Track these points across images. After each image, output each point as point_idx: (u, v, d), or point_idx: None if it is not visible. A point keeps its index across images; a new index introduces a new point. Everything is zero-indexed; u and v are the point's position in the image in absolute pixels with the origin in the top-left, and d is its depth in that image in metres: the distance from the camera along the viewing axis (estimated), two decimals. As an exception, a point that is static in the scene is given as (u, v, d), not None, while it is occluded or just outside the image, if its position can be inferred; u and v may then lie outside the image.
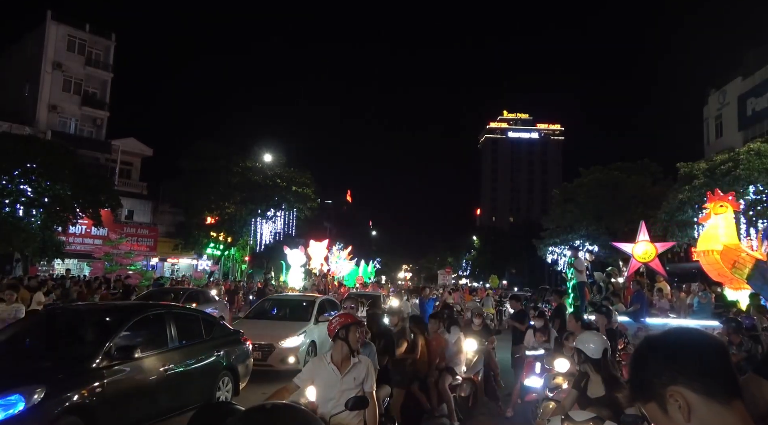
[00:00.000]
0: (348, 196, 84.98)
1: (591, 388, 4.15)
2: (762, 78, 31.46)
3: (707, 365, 0.98)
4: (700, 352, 1.05)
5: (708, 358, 0.97)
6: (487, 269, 57.39)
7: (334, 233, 58.94)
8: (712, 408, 0.98)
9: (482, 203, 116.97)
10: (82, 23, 37.24)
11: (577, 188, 35.91)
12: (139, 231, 35.31)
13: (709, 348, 1.04)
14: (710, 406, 0.98)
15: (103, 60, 38.52)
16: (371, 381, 3.88)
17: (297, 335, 10.73)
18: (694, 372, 0.99)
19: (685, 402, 0.99)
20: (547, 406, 5.55)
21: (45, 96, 35.05)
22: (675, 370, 0.97)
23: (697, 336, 1.11)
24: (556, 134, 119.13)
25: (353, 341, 3.98)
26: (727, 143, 31.79)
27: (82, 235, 31.00)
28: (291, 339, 10.51)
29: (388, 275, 71.44)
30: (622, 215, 30.99)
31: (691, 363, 0.98)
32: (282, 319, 12.16)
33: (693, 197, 24.04)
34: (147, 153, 40.14)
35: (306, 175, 36.53)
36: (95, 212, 25.80)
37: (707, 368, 0.97)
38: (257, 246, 36.72)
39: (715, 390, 0.98)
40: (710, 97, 36.90)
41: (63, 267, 27.89)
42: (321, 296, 14.31)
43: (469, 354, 7.86)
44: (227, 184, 32.81)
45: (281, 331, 10.81)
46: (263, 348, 10.18)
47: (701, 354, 1.04)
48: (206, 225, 34.25)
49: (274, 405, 1.30)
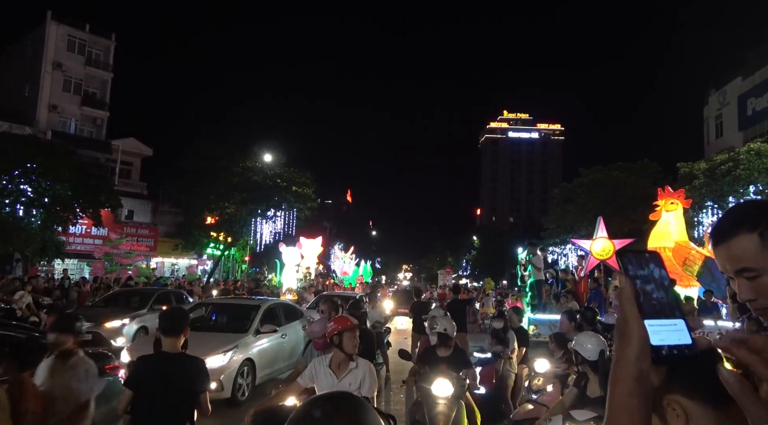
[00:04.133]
0: (348, 196, 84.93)
1: (590, 388, 4.17)
2: (762, 78, 31.46)
3: (699, 369, 0.92)
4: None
5: (700, 361, 0.89)
6: (487, 270, 57.30)
7: (334, 233, 58.95)
8: (709, 413, 0.94)
9: (482, 203, 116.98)
10: (82, 23, 37.24)
11: (577, 188, 35.88)
12: (139, 231, 35.31)
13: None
14: (707, 412, 0.94)
15: (103, 60, 38.52)
16: (368, 385, 3.86)
17: (223, 352, 8.29)
18: (687, 378, 0.95)
19: (683, 410, 0.96)
20: (524, 407, 5.55)
21: (45, 96, 35.05)
22: (669, 378, 0.91)
23: None
24: (556, 134, 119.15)
25: (349, 347, 3.91)
26: (727, 143, 31.80)
27: (82, 235, 30.99)
28: (212, 357, 7.87)
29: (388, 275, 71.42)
30: (622, 216, 30.97)
31: (682, 369, 0.92)
32: (213, 330, 9.70)
33: (693, 197, 24.00)
34: (147, 153, 40.14)
35: (306, 175, 36.51)
36: (95, 212, 25.78)
37: (700, 372, 0.91)
38: (257, 246, 36.71)
39: (710, 395, 0.93)
40: (710, 97, 36.91)
41: (62, 267, 27.84)
42: (274, 299, 12.23)
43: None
44: (227, 184, 32.79)
45: (202, 347, 7.88)
46: None
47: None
48: (206, 225, 34.24)
49: (333, 394, 1.28)
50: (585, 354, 4.18)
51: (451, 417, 4.73)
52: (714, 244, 1.07)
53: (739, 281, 1.03)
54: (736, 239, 1.01)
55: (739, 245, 1.00)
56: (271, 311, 10.07)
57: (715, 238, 1.06)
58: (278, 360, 9.77)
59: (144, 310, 13.55)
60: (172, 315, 3.86)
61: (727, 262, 1.03)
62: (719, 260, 1.07)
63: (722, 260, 1.05)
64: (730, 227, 1.02)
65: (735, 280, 1.04)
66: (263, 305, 10.02)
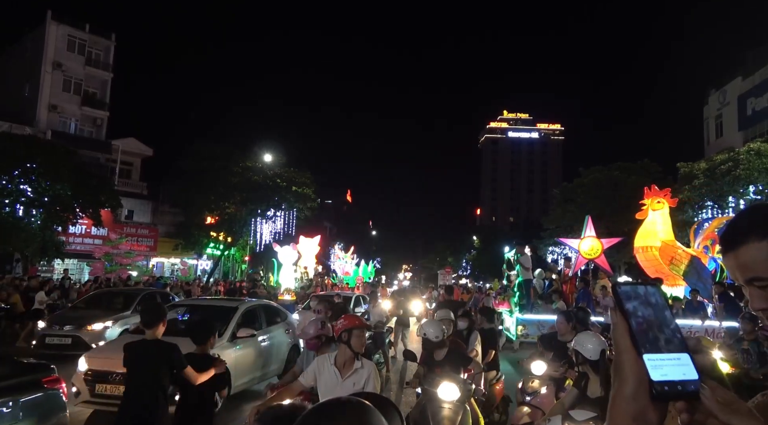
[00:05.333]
0: (348, 196, 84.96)
1: (590, 388, 4.17)
2: (762, 78, 31.46)
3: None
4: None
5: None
6: (487, 270, 57.27)
7: (335, 232, 58.97)
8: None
9: (482, 203, 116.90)
10: (82, 23, 37.24)
11: (577, 188, 35.87)
12: (139, 231, 35.30)
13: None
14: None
15: (103, 60, 38.52)
16: (371, 386, 3.86)
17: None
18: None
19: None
20: (520, 410, 5.52)
21: (45, 96, 35.05)
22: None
23: None
24: (556, 134, 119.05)
25: (357, 345, 3.92)
26: (727, 143, 31.80)
27: (82, 235, 30.99)
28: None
29: (388, 275, 71.41)
30: (622, 215, 30.96)
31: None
32: (182, 335, 8.56)
33: (693, 196, 24.04)
34: (147, 153, 40.14)
35: (306, 175, 36.52)
36: (95, 212, 25.79)
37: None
38: (257, 246, 36.71)
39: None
40: (710, 97, 36.91)
41: (62, 267, 27.85)
42: (255, 301, 11.35)
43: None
44: (227, 184, 32.80)
45: None
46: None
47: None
48: (206, 225, 34.25)
49: (347, 399, 1.25)
50: (586, 354, 4.18)
51: (457, 422, 4.68)
52: (723, 252, 1.03)
53: (750, 290, 0.98)
54: (745, 247, 0.96)
55: (748, 254, 0.96)
56: (250, 314, 9.20)
57: (724, 246, 1.02)
58: (256, 369, 8.97)
59: (128, 312, 12.68)
60: (150, 310, 4.75)
61: (737, 271, 0.99)
62: (729, 268, 1.03)
63: (732, 269, 1.01)
64: (739, 235, 0.97)
65: (746, 288, 1.00)
66: (241, 307, 9.17)
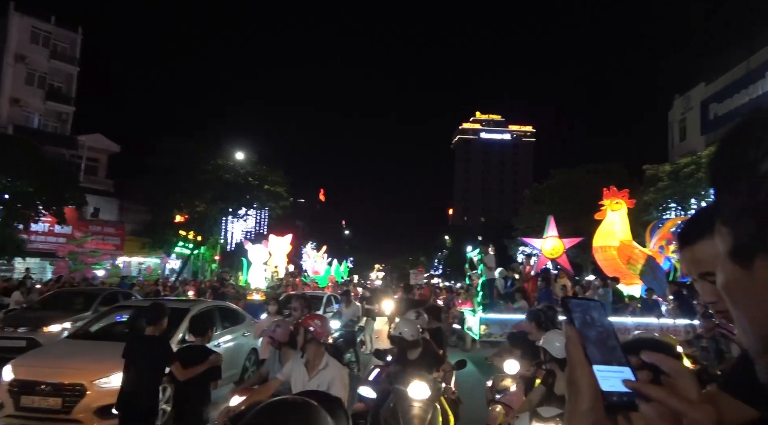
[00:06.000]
0: (321, 195, 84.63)
1: (558, 386, 4.24)
2: (724, 84, 32.46)
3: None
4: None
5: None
6: (458, 269, 57.74)
7: (307, 231, 58.59)
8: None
9: (455, 203, 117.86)
10: (47, 15, 36.10)
11: (547, 189, 36.50)
12: (105, 229, 34.40)
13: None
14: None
15: (69, 53, 37.44)
16: (336, 388, 3.86)
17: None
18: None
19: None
20: (494, 409, 5.58)
21: (7, 89, 33.89)
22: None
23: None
24: (527, 136, 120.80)
25: (299, 342, 4.29)
26: (690, 147, 32.74)
27: (44, 233, 30.05)
28: (106, 378, 6.44)
29: (360, 275, 71.34)
30: (587, 217, 31.62)
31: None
32: (120, 339, 7.64)
33: (658, 198, 24.69)
34: (114, 149, 39.19)
35: (278, 173, 36.23)
36: (59, 210, 25.05)
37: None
38: (228, 245, 36.24)
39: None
40: (675, 102, 37.93)
41: (24, 266, 26.97)
42: (209, 302, 10.71)
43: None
44: (197, 182, 32.27)
45: (107, 361, 6.36)
46: (65, 391, 6.37)
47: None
48: (175, 224, 33.62)
49: (293, 398, 1.28)
50: (553, 352, 4.25)
51: (427, 420, 4.71)
52: (680, 247, 1.08)
53: (702, 285, 1.03)
54: (700, 243, 1.01)
55: (703, 250, 1.01)
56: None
57: (682, 241, 1.08)
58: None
59: (88, 312, 11.76)
60: (153, 310, 5.25)
61: (692, 265, 1.04)
62: (684, 263, 1.08)
63: (687, 264, 1.06)
64: (695, 232, 1.03)
65: (698, 282, 1.05)
66: (193, 309, 8.49)
